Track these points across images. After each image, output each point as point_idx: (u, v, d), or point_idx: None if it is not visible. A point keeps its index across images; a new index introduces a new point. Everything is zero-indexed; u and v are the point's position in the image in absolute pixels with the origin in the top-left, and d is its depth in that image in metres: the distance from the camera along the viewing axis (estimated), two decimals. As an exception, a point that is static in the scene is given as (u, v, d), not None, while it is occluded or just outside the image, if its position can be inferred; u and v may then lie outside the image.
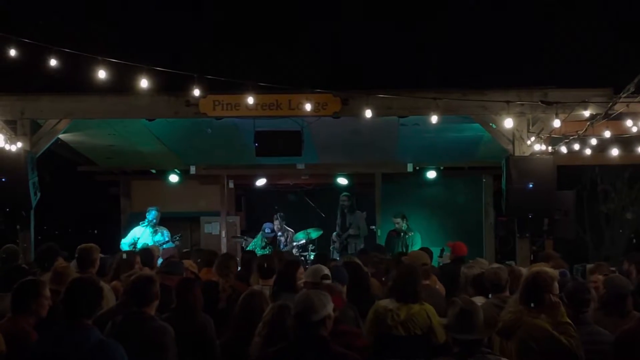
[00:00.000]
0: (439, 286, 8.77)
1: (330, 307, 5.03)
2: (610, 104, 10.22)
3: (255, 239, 15.87)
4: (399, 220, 15.13)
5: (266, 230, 15.61)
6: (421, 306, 7.02)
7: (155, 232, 14.29)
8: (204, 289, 7.28)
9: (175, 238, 14.59)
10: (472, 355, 4.84)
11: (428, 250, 10.53)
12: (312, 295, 5.11)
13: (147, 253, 9.79)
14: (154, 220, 14.47)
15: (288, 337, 5.24)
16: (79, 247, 8.63)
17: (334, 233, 16.28)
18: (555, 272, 6.24)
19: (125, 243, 14.09)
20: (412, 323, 6.89)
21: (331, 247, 16.33)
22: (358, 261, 8.92)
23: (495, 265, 8.16)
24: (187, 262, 9.52)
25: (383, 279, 9.18)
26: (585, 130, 10.70)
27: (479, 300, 6.78)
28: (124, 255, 9.17)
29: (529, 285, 5.82)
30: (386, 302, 7.11)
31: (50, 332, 5.29)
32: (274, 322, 5.66)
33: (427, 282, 8.28)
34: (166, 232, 14.41)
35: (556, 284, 5.86)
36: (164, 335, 5.94)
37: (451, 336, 5.02)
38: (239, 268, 9.76)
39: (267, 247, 15.39)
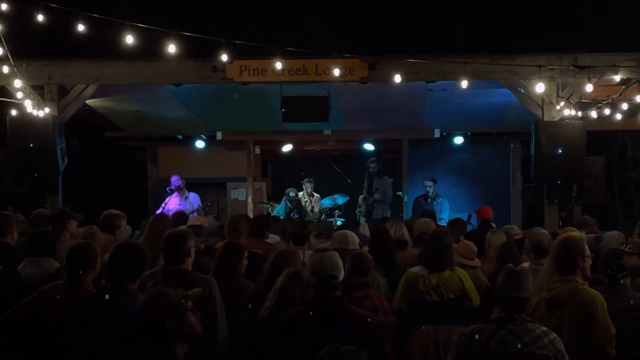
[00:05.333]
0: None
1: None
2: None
3: (280, 206, 15.88)
4: (430, 183, 14.97)
5: (291, 194, 15.61)
6: (452, 271, 6.99)
7: (184, 199, 14.26)
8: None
9: (207, 205, 14.61)
10: (513, 320, 4.82)
11: (460, 220, 10.40)
12: (334, 256, 5.15)
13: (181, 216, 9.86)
14: (178, 184, 14.40)
15: (295, 303, 5.29)
16: (103, 213, 8.67)
17: (361, 197, 16.24)
18: (582, 234, 6.19)
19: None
20: (444, 288, 6.86)
21: (357, 210, 16.32)
22: (386, 228, 8.87)
23: (542, 230, 8.08)
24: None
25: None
26: (620, 94, 10.58)
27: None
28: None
29: (561, 251, 5.78)
30: (417, 269, 7.07)
31: (97, 295, 5.38)
32: (284, 290, 5.65)
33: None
34: (197, 199, 14.37)
35: (586, 246, 5.83)
36: (211, 287, 5.88)
37: (498, 296, 4.99)
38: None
39: (292, 213, 15.39)
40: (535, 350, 4.71)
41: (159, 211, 13.79)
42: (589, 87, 10.39)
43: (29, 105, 11.03)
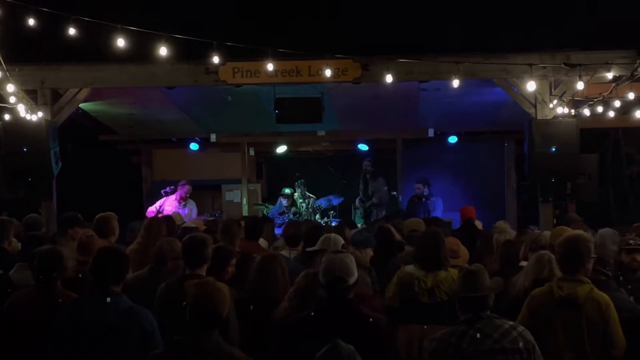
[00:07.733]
0: (463, 250, 8.73)
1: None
2: (636, 65, 10.11)
3: (274, 207, 15.89)
4: (420, 185, 15.02)
5: (286, 191, 15.65)
6: (447, 272, 6.99)
7: (183, 206, 14.21)
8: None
9: (216, 214, 14.56)
10: (480, 319, 4.87)
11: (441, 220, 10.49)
12: (346, 259, 5.11)
13: (169, 221, 9.78)
14: (189, 195, 14.32)
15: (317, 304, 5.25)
16: (97, 216, 8.66)
17: (357, 199, 16.28)
18: (589, 235, 6.15)
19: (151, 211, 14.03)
20: (438, 290, 6.89)
21: (353, 212, 16.34)
22: (390, 227, 8.94)
23: (537, 230, 8.12)
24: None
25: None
26: (611, 92, 10.61)
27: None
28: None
29: (569, 250, 5.74)
30: (411, 269, 7.07)
31: (83, 298, 5.50)
32: (308, 290, 5.63)
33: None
34: (194, 209, 14.34)
35: (592, 247, 5.82)
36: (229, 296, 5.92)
37: (459, 300, 5.05)
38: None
39: (286, 214, 15.41)
40: (506, 345, 4.80)
41: (152, 210, 13.78)
42: (581, 85, 10.41)
43: (22, 109, 11.00)
